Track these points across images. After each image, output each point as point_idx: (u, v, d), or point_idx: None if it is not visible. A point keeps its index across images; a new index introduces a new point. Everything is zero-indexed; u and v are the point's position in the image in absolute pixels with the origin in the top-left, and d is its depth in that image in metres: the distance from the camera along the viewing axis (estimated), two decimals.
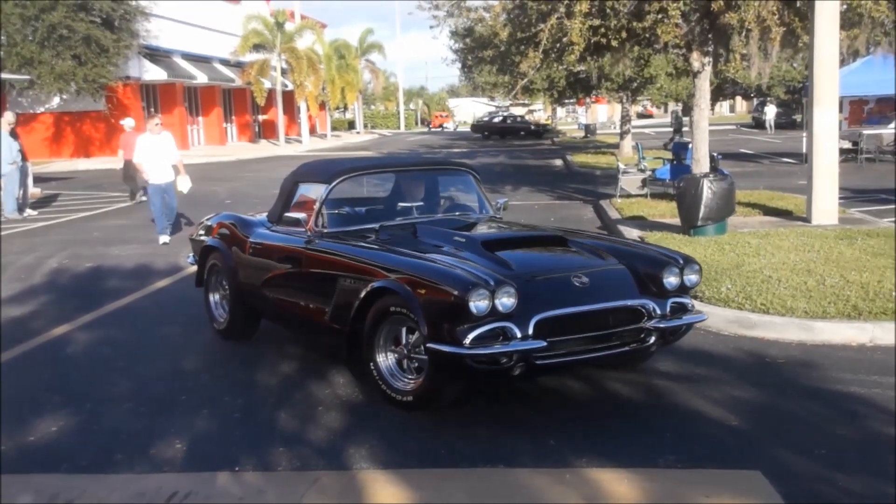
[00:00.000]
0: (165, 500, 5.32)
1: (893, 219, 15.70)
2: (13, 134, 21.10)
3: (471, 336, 6.08)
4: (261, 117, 63.80)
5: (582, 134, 64.18)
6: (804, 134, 20.62)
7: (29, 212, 21.25)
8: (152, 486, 5.52)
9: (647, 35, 16.74)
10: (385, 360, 6.90)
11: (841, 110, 25.38)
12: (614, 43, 16.80)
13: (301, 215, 8.04)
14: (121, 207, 22.62)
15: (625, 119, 41.35)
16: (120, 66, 40.04)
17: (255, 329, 9.08)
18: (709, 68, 17.54)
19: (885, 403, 6.81)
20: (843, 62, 19.12)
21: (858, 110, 33.48)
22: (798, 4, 16.35)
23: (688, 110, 37.74)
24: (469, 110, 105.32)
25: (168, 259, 14.03)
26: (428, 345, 6.28)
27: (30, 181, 22.55)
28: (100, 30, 37.43)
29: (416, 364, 6.74)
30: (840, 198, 16.07)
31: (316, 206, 8.06)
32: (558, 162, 38.34)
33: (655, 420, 6.58)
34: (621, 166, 22.19)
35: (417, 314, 6.38)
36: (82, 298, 11.37)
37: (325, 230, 7.94)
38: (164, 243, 15.47)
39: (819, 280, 10.09)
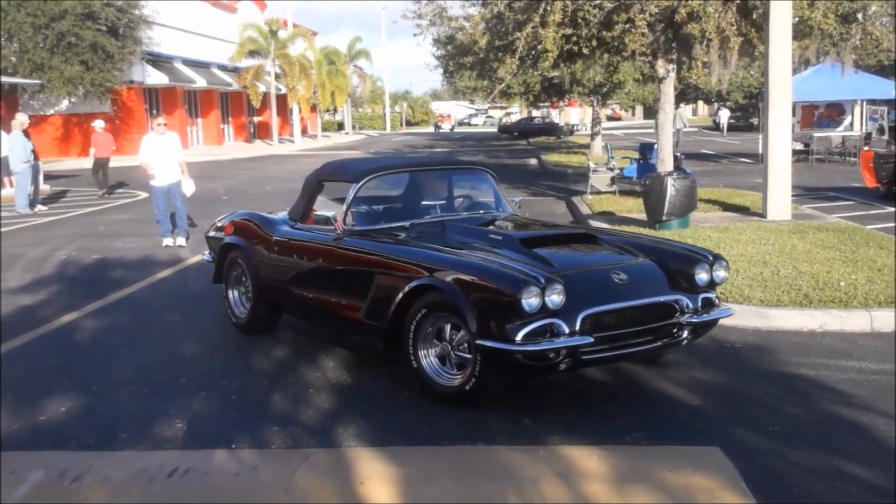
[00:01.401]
0: (167, 475, 5.32)
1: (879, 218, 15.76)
2: (26, 134, 21.15)
3: (522, 333, 5.85)
4: (256, 119, 63.52)
5: (555, 135, 64.20)
6: (760, 136, 20.68)
7: (40, 207, 21.16)
8: (154, 463, 5.52)
9: (616, 43, 16.78)
10: (427, 356, 6.59)
11: (794, 114, 25.49)
12: (585, 50, 16.83)
13: (330, 213, 7.70)
14: (124, 203, 22.52)
15: (595, 121, 41.34)
16: (124, 71, 39.89)
17: (276, 324, 8.77)
18: (673, 74, 17.60)
19: (832, 384, 6.87)
20: (795, 70, 19.19)
21: (809, 114, 33.60)
22: (754, 16, 16.43)
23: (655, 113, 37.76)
24: (453, 113, 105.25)
25: (169, 251, 13.98)
26: (478, 342, 6.01)
27: (41, 178, 22.55)
28: (106, 37, 37.31)
29: (459, 360, 6.45)
30: (793, 195, 16.16)
31: (345, 205, 7.68)
32: (533, 161, 38.32)
33: (623, 400, 6.61)
34: (592, 165, 22.21)
35: (466, 311, 6.11)
36: (89, 288, 11.32)
37: (354, 228, 7.58)
38: (168, 245, 14.34)
39: (774, 271, 10.14)
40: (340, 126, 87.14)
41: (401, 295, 6.57)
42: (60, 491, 5.18)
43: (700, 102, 74.45)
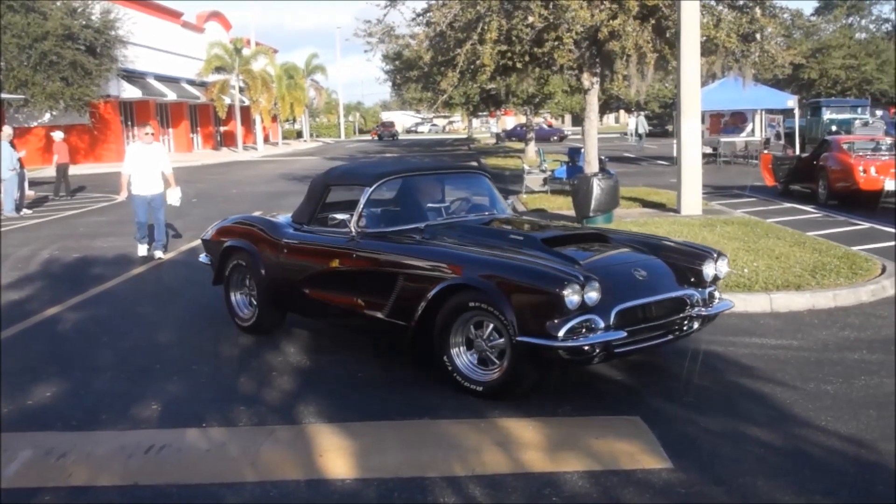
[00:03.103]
0: (144, 452, 5.27)
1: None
2: (12, 144, 20.91)
3: (564, 329, 5.56)
4: (222, 128, 62.85)
5: (494, 141, 64.36)
6: (674, 141, 20.91)
7: (25, 211, 20.88)
8: (132, 441, 5.46)
9: (546, 59, 16.82)
10: (459, 354, 6.20)
11: (703, 122, 25.83)
12: (519, 65, 16.86)
13: (345, 216, 7.20)
14: (102, 207, 22.18)
15: (529, 128, 41.55)
16: (101, 87, 39.46)
17: (281, 324, 8.19)
18: (597, 86, 17.70)
19: (737, 358, 6.99)
20: (704, 83, 19.43)
21: (717, 122, 34.09)
22: (668, 35, 16.59)
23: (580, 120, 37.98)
24: (399, 121, 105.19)
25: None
26: (519, 338, 5.68)
27: (26, 185, 22.27)
28: (84, 56, 36.93)
29: (492, 356, 6.08)
30: (703, 193, 16.39)
31: (358, 208, 7.14)
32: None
33: (556, 377, 6.60)
34: (526, 167, 22.31)
35: (504, 309, 5.75)
36: (71, 284, 11.13)
37: (368, 230, 7.07)
38: (143, 256, 12.88)
39: None
40: (299, 134, 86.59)
41: (431, 294, 6.19)
42: (47, 467, 5.12)
43: (622, 111, 75.11)
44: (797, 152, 27.65)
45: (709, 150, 29.95)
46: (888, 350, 7.17)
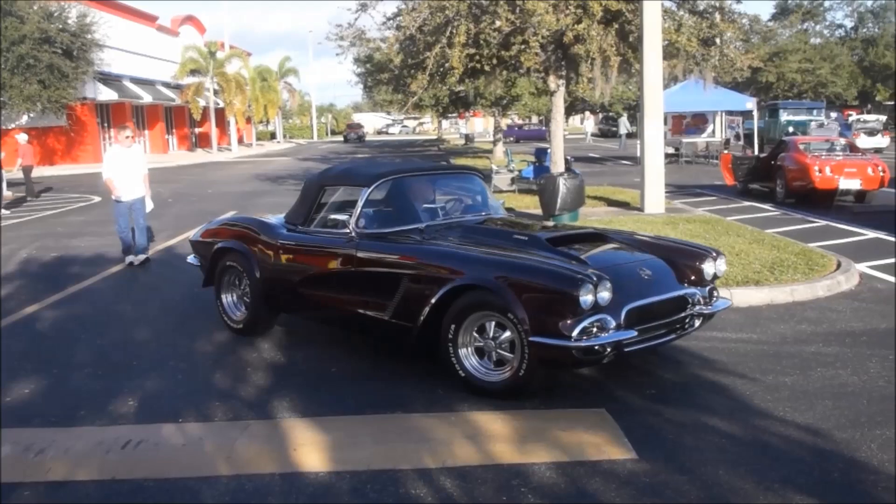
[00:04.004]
0: (121, 447, 5.22)
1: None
2: None
3: (578, 329, 5.42)
4: (197, 130, 62.42)
5: (463, 142, 64.30)
6: (638, 141, 21.03)
7: (3, 212, 20.60)
8: (110, 436, 5.41)
9: (514, 61, 16.87)
10: (468, 356, 6.04)
11: (665, 123, 26.00)
12: (487, 68, 16.89)
13: (343, 217, 7.01)
14: (80, 207, 21.96)
15: (497, 129, 41.59)
16: (78, 89, 38.96)
17: (273, 325, 8.01)
18: (563, 89, 17.76)
19: (699, 351, 7.03)
20: (666, 85, 19.55)
21: (679, 123, 34.29)
22: (630, 39, 16.68)
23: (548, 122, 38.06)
24: (371, 123, 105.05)
25: (119, 249, 13.61)
26: (532, 338, 5.54)
27: (3, 185, 22.03)
28: (61, 59, 36.49)
29: (499, 356, 5.94)
30: (666, 192, 16.48)
31: (357, 208, 6.90)
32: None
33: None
34: (494, 167, 22.35)
35: (516, 310, 5.60)
36: (49, 282, 11.00)
37: (366, 231, 6.82)
38: (131, 263, 12.06)
39: None
40: (273, 135, 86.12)
41: (438, 296, 6.01)
42: (26, 463, 5.06)
43: (587, 113, 75.39)
44: (756, 152, 27.89)
45: (671, 151, 30.17)
46: (843, 343, 7.26)
